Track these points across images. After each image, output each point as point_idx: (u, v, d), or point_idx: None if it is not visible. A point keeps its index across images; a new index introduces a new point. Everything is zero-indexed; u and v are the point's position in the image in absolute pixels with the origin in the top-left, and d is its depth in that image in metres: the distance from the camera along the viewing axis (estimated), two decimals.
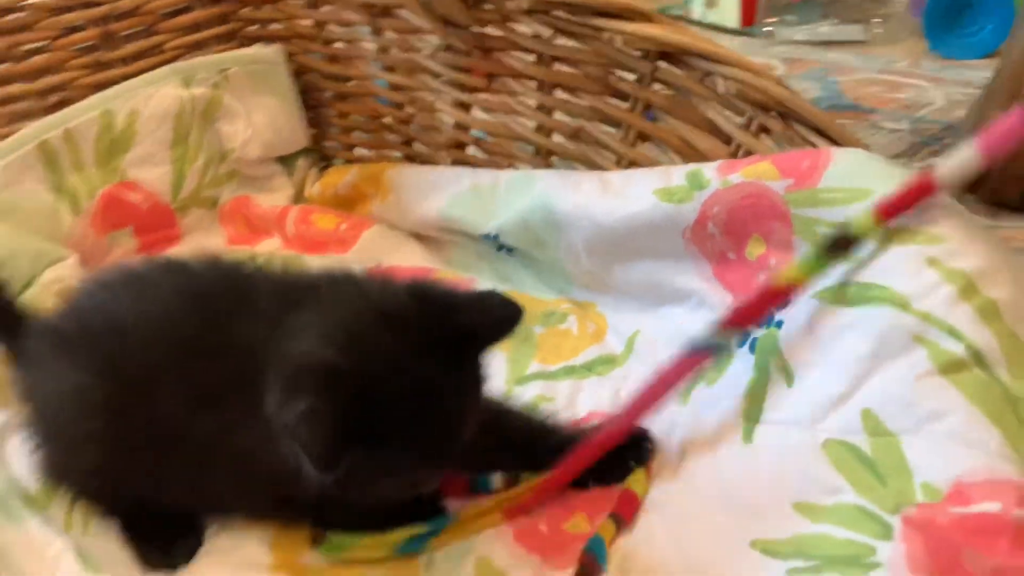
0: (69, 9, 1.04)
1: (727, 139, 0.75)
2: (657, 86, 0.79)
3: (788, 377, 0.61)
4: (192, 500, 0.62)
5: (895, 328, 0.54)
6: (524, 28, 0.85)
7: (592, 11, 0.78)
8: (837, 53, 1.67)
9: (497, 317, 0.53)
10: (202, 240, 1.11)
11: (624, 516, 0.60)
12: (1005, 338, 0.51)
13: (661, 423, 0.67)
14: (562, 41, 0.84)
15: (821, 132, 0.68)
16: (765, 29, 1.84)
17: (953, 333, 0.51)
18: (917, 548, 0.47)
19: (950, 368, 0.51)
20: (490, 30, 0.88)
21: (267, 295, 0.55)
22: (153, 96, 1.06)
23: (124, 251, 1.08)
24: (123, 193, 1.06)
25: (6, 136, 1.00)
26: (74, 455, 0.60)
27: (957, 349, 0.51)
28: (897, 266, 0.56)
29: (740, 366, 0.66)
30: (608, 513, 0.60)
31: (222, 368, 0.53)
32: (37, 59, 1.03)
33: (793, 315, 0.63)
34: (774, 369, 0.63)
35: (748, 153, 0.73)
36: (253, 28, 1.14)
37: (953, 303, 0.52)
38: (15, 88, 1.03)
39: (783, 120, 0.71)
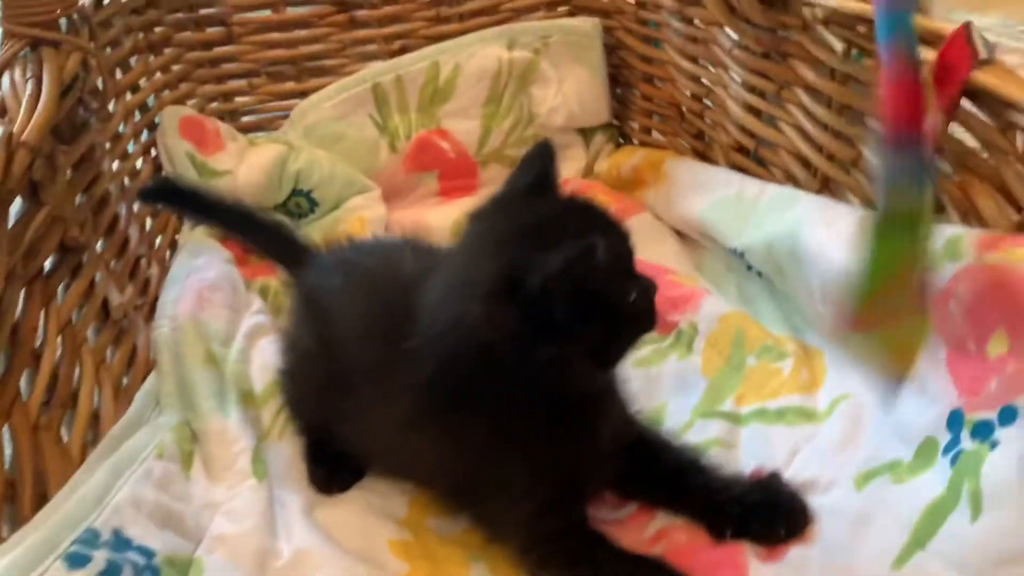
0: None
1: (1019, 208, 0.62)
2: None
3: (975, 510, 0.51)
4: (361, 452, 0.68)
5: None
6: (824, 38, 0.77)
7: None
8: None
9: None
10: None
11: None
12: None
13: (830, 501, 0.60)
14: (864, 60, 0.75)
15: None
16: None
17: None
18: None
19: None
20: (790, 35, 0.81)
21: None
22: (476, 54, 1.14)
23: (427, 191, 1.19)
24: (436, 139, 1.16)
25: (353, 73, 1.14)
26: (297, 385, 0.71)
27: None
28: None
29: (935, 476, 0.56)
30: None
31: (390, 348, 0.58)
32: (388, 9, 1.15)
33: (1013, 437, 0.52)
34: (966, 495, 0.53)
35: None
36: None
37: None
38: (367, 32, 1.16)
39: None
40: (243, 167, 1.00)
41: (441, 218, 1.06)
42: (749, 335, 0.78)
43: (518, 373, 0.53)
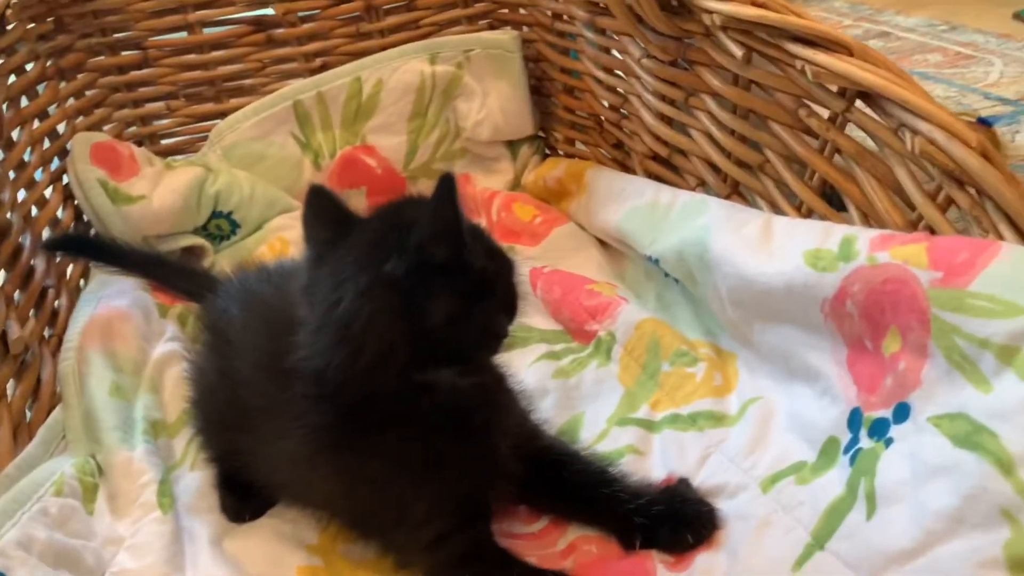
0: None
1: (912, 205, 0.63)
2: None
3: (871, 508, 0.52)
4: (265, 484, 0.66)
5: (987, 492, 0.43)
6: (725, 44, 0.78)
7: (789, 36, 0.69)
8: None
9: None
10: None
11: None
12: None
13: (737, 505, 0.60)
14: (764, 66, 0.75)
15: (1012, 221, 0.55)
16: None
17: None
18: None
19: (1021, 566, 0.39)
20: (693, 42, 0.82)
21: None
22: (399, 69, 1.13)
23: (356, 208, 1.17)
24: (361, 156, 1.15)
25: (274, 91, 1.13)
26: (204, 415, 0.69)
27: None
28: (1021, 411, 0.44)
29: (836, 476, 0.57)
30: None
31: (280, 383, 0.56)
32: (307, 26, 1.14)
33: (905, 434, 0.53)
34: (862, 493, 0.53)
35: (929, 228, 0.61)
36: (504, 12, 1.16)
37: None
38: (286, 50, 1.15)
39: (980, 197, 0.58)
40: (159, 191, 0.99)
41: None
42: (664, 341, 0.78)
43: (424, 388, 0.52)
